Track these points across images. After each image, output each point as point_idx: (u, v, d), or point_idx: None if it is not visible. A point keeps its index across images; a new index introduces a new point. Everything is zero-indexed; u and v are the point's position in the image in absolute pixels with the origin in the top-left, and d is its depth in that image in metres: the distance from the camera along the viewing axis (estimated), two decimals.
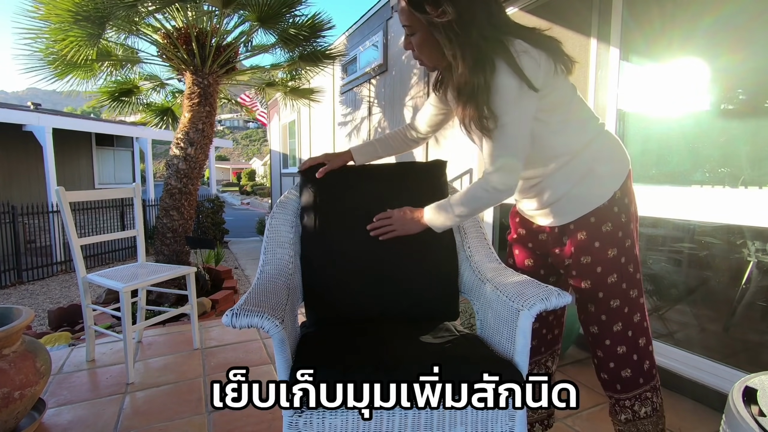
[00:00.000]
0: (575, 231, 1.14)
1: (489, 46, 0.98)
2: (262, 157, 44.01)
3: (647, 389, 1.17)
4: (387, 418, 0.96)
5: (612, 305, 1.14)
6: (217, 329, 2.74)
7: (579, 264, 1.15)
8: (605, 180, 1.11)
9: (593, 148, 1.11)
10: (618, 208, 1.12)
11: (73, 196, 2.21)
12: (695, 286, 2.30)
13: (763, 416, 0.80)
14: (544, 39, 1.04)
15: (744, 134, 1.97)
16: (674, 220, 2.16)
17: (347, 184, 1.46)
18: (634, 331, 1.16)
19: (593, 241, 1.12)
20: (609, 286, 1.13)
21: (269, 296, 1.09)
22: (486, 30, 0.99)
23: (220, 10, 3.71)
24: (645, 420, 1.17)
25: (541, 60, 1.00)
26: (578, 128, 1.10)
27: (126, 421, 1.71)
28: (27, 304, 5.44)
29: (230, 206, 19.72)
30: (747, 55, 1.88)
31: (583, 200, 1.11)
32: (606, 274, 1.13)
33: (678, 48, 2.10)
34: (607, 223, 1.11)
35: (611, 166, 1.13)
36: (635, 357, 1.16)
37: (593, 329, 1.19)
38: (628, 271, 1.14)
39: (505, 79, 0.97)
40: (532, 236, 1.30)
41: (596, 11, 2.23)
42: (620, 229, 1.12)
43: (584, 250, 1.13)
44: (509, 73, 0.97)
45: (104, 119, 11.60)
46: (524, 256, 1.33)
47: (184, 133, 3.83)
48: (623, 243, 1.13)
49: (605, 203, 1.11)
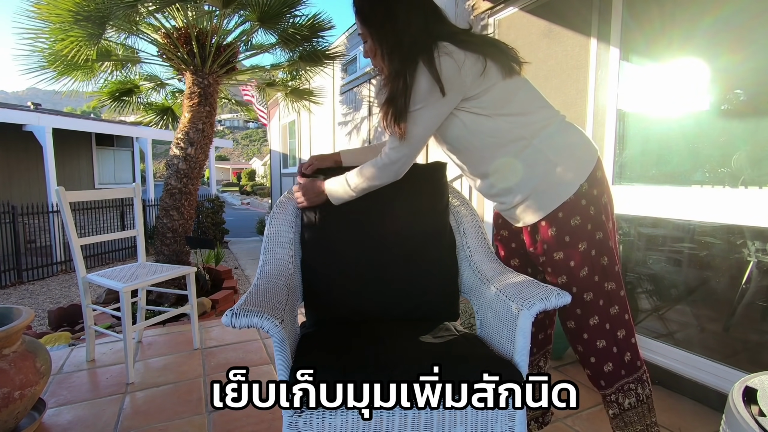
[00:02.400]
0: (546, 227, 1.15)
1: (415, 50, 1.07)
2: (262, 157, 44.01)
3: (630, 380, 1.17)
4: (387, 418, 0.96)
5: (586, 298, 1.15)
6: (217, 329, 2.74)
7: (552, 260, 1.16)
8: (569, 174, 1.11)
9: (549, 138, 1.12)
10: (586, 200, 1.12)
11: (73, 196, 2.21)
12: (695, 286, 2.30)
13: (763, 416, 0.80)
14: (481, 42, 1.11)
15: (744, 134, 1.97)
16: (674, 220, 2.15)
17: None
18: (612, 323, 1.16)
19: (563, 236, 1.13)
20: (581, 280, 1.14)
21: (269, 296, 1.09)
22: (419, 36, 1.08)
23: (220, 10, 3.70)
24: (629, 411, 1.17)
25: (467, 62, 1.05)
26: (527, 118, 1.13)
27: (126, 421, 1.71)
28: (27, 304, 5.44)
29: (230, 206, 19.72)
30: (747, 55, 1.88)
31: (549, 196, 1.12)
32: (578, 267, 1.13)
33: (678, 48, 2.10)
34: (576, 216, 1.11)
35: (574, 160, 1.13)
36: (615, 350, 1.16)
37: (570, 324, 1.20)
38: (600, 263, 1.14)
39: (420, 77, 1.06)
40: (514, 237, 1.33)
41: (596, 11, 2.23)
42: (589, 222, 1.12)
43: (556, 246, 1.14)
44: (423, 72, 1.05)
45: (104, 119, 11.60)
46: (510, 257, 1.36)
47: (184, 133, 3.83)
48: (593, 236, 1.13)
49: (571, 197, 1.11)
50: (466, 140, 1.17)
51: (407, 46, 1.08)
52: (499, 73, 1.10)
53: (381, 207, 1.42)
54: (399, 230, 1.41)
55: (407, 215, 1.42)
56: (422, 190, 1.47)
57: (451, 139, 1.19)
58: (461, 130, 1.15)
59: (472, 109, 1.11)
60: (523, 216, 1.19)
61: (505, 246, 1.37)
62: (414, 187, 1.47)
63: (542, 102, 1.17)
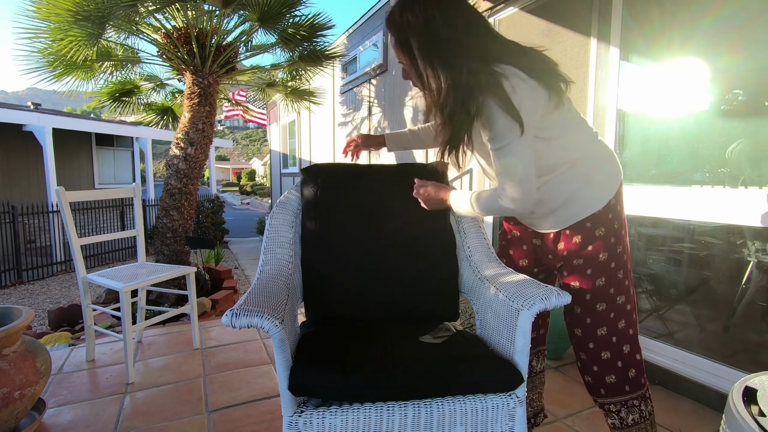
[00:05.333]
0: (570, 235, 1.15)
1: (479, 82, 0.97)
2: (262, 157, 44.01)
3: (634, 397, 1.18)
4: (387, 418, 0.96)
5: (598, 308, 1.15)
6: (217, 329, 2.74)
7: (571, 266, 1.17)
8: (602, 187, 1.13)
9: (589, 157, 1.12)
10: (612, 214, 1.13)
11: (73, 196, 2.21)
12: (695, 286, 2.30)
13: (763, 416, 0.80)
14: (538, 63, 1.03)
15: (744, 134, 1.97)
16: (674, 220, 2.15)
17: (348, 185, 1.46)
18: (619, 337, 1.16)
19: (587, 245, 1.13)
20: (596, 289, 1.15)
21: (269, 296, 1.09)
22: (475, 63, 0.98)
23: (220, 10, 3.71)
24: (633, 428, 1.18)
25: (537, 89, 0.99)
26: (574, 140, 1.11)
27: (126, 421, 1.71)
28: (27, 304, 5.44)
29: (230, 206, 19.72)
30: (747, 55, 1.88)
31: (580, 207, 1.13)
32: (595, 276, 1.14)
33: (678, 48, 2.10)
34: (601, 228, 1.13)
35: (607, 174, 1.14)
36: (619, 364, 1.17)
37: (577, 331, 1.21)
38: (617, 276, 1.15)
39: (498, 117, 0.97)
40: (526, 239, 1.32)
41: (596, 11, 2.23)
42: (612, 235, 1.14)
43: (577, 253, 1.15)
44: (500, 113, 0.97)
45: (104, 119, 11.60)
46: (519, 256, 1.35)
47: (184, 133, 3.83)
48: (615, 249, 1.14)
49: (601, 210, 1.12)
50: None
51: (465, 78, 0.97)
52: (553, 99, 1.04)
53: (381, 207, 1.43)
54: (399, 230, 1.41)
55: (407, 215, 1.42)
56: None
57: None
58: None
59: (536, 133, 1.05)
60: (549, 224, 1.18)
61: (517, 246, 1.35)
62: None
63: (581, 119, 1.15)
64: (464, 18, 1.01)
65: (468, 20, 1.01)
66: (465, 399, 1.00)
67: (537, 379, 1.44)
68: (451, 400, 1.00)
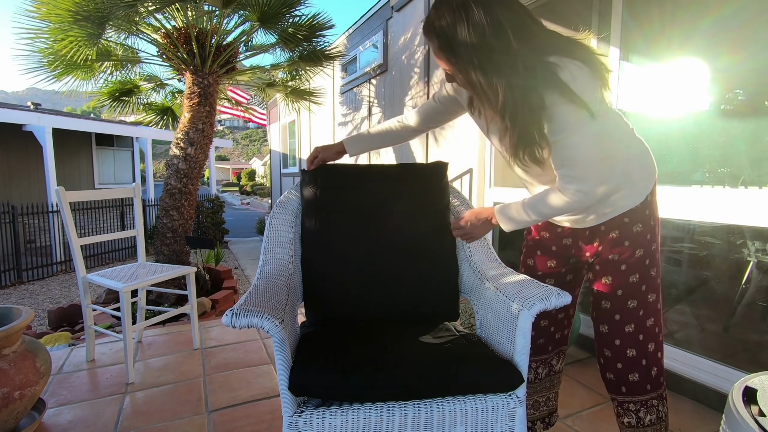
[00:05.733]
0: (607, 231, 1.15)
1: (536, 77, 0.91)
2: (262, 157, 44.01)
3: (654, 397, 1.17)
4: (387, 418, 0.96)
5: (629, 305, 1.15)
6: (217, 329, 2.74)
7: (605, 260, 1.16)
8: (641, 183, 1.13)
9: (629, 152, 1.12)
10: (649, 211, 1.13)
11: (73, 196, 2.21)
12: (695, 286, 2.30)
13: (763, 416, 0.80)
14: (585, 52, 0.97)
15: (744, 134, 1.97)
16: (674, 220, 2.16)
17: (348, 185, 1.46)
18: (645, 335, 1.16)
19: (623, 240, 1.13)
20: (629, 285, 1.14)
21: (269, 296, 1.09)
22: (528, 58, 0.91)
23: (220, 10, 3.70)
24: (649, 428, 1.18)
25: (593, 76, 0.94)
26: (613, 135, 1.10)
27: (126, 421, 1.71)
28: (27, 304, 5.44)
29: (230, 206, 19.72)
30: (747, 55, 1.88)
31: (620, 204, 1.12)
32: (629, 272, 1.14)
33: (678, 48, 2.10)
34: (638, 224, 1.12)
35: (645, 170, 1.14)
36: (644, 362, 1.16)
37: (603, 328, 1.20)
38: (650, 274, 1.15)
39: (561, 107, 0.93)
40: (556, 240, 1.28)
41: (596, 11, 2.23)
42: (649, 232, 1.13)
43: (613, 248, 1.14)
44: (563, 103, 0.92)
45: (104, 119, 11.59)
46: (547, 258, 1.31)
47: (184, 133, 3.83)
48: (650, 246, 1.14)
49: (639, 205, 1.12)
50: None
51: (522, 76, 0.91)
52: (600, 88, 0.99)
53: (381, 207, 1.43)
54: (399, 230, 1.41)
55: (407, 215, 1.42)
56: (423, 190, 1.46)
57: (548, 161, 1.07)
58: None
59: None
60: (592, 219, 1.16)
61: (545, 248, 1.31)
62: (414, 187, 1.47)
63: (618, 114, 1.13)
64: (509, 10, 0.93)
65: (514, 10, 0.94)
66: (465, 399, 1.00)
67: (555, 378, 1.43)
68: (451, 400, 1.00)
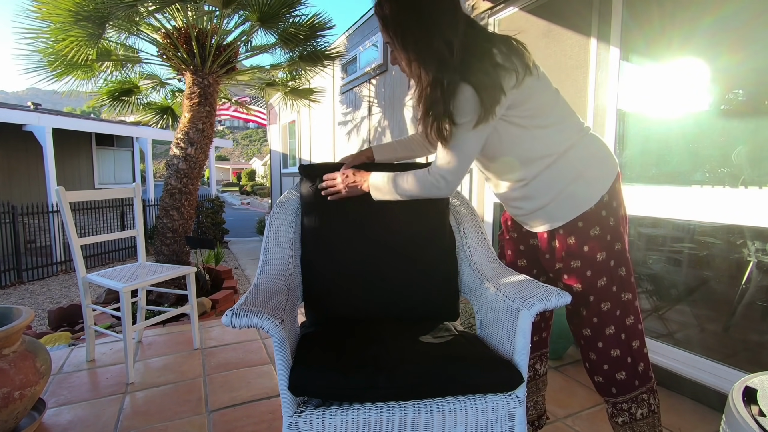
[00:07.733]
0: (564, 236, 1.14)
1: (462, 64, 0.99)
2: (262, 157, 44.00)
3: (643, 391, 1.18)
4: (387, 418, 0.96)
5: (603, 308, 1.15)
6: (217, 329, 2.74)
7: (569, 268, 1.16)
8: (592, 184, 1.12)
9: (578, 151, 1.11)
10: (606, 211, 1.12)
11: (73, 196, 2.21)
12: (695, 286, 2.30)
13: (763, 416, 0.80)
14: (518, 48, 1.04)
15: (744, 134, 1.97)
16: (674, 220, 2.16)
17: None
18: (627, 334, 1.16)
19: (582, 246, 1.13)
20: (599, 290, 1.14)
21: (269, 296, 1.09)
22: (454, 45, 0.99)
23: (220, 10, 3.70)
24: (641, 422, 1.18)
25: (519, 69, 1.01)
26: (560, 131, 1.11)
27: (126, 421, 1.71)
28: (27, 304, 5.44)
29: (230, 206, 19.72)
30: (747, 55, 1.88)
31: (570, 204, 1.12)
32: (596, 277, 1.14)
33: (678, 48, 2.10)
34: (595, 227, 1.12)
35: (598, 170, 1.13)
36: (629, 360, 1.17)
37: (586, 332, 1.20)
38: (618, 274, 1.14)
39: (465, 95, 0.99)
40: (523, 240, 1.31)
41: (596, 11, 2.23)
42: (609, 233, 1.12)
43: (574, 255, 1.14)
44: (472, 93, 0.99)
45: (104, 119, 11.60)
46: (517, 257, 1.35)
47: (184, 133, 3.83)
48: (612, 246, 1.13)
49: (592, 207, 1.11)
50: (499, 151, 1.13)
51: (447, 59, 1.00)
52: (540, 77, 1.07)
53: (381, 207, 1.42)
54: (399, 230, 1.41)
55: (407, 215, 1.41)
56: None
57: (484, 149, 1.14)
58: (495, 141, 1.11)
59: (512, 119, 1.07)
60: (541, 223, 1.18)
61: (514, 247, 1.36)
62: None
63: (571, 112, 1.14)
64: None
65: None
66: (465, 399, 1.00)
67: (540, 382, 1.44)
68: (451, 400, 1.00)
